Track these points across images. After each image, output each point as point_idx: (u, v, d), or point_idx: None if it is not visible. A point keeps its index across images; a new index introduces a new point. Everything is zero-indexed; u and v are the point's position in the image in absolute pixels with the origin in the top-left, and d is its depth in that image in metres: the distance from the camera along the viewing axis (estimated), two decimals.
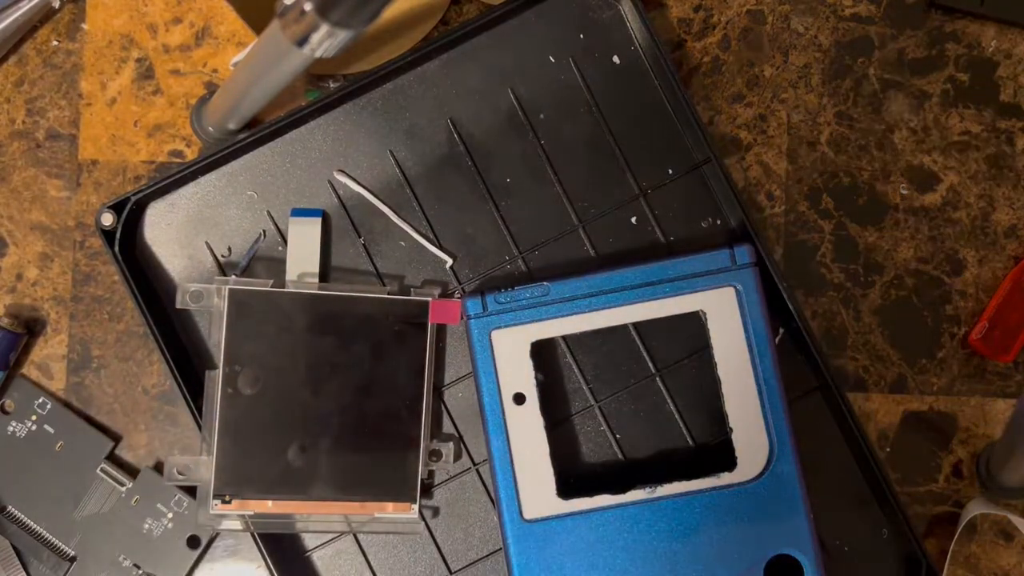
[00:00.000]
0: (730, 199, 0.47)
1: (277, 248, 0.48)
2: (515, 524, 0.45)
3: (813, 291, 0.50)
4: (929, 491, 0.50)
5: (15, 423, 0.48)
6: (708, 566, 0.45)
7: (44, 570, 0.48)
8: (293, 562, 0.47)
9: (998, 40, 0.50)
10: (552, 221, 0.48)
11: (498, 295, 0.46)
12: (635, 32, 0.48)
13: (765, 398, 0.45)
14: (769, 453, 0.45)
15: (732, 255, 0.46)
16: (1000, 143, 0.50)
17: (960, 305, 0.50)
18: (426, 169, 0.49)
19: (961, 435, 0.50)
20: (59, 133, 0.50)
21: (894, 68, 0.50)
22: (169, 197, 0.48)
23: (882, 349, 0.50)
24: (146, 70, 0.50)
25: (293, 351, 0.45)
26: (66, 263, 0.50)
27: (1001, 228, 0.50)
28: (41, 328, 0.50)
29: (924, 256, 0.50)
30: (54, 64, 0.50)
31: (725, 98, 0.50)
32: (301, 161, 0.48)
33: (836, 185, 0.50)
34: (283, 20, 0.33)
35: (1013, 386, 0.50)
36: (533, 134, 0.49)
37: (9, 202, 0.50)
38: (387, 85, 0.48)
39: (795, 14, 0.51)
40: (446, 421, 0.48)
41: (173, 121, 0.50)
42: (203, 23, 0.51)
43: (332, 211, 0.48)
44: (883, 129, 0.50)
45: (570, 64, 0.49)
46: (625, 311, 0.46)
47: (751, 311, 0.45)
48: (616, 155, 0.49)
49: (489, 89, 0.49)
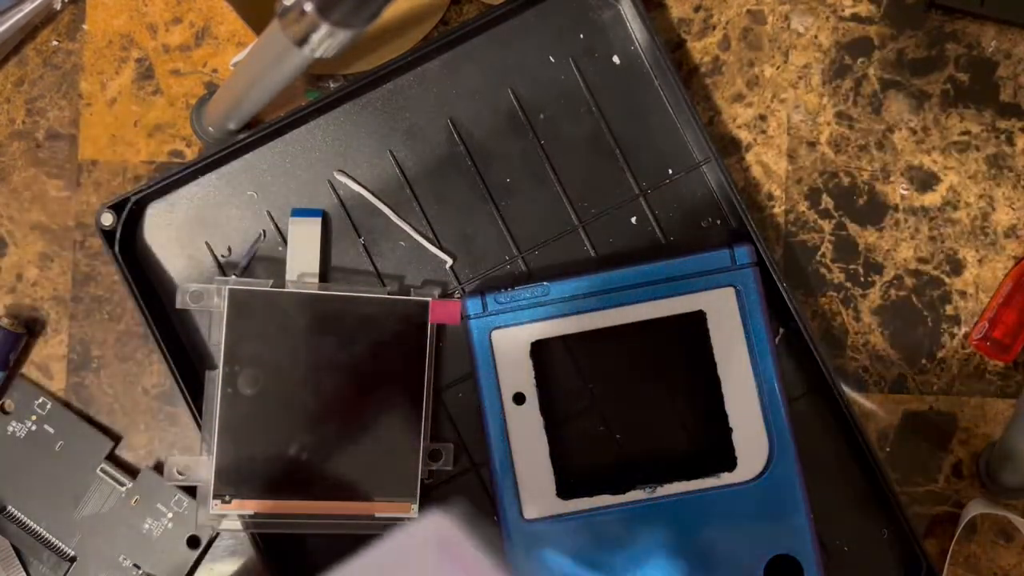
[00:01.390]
0: (730, 199, 0.47)
1: (277, 248, 0.48)
2: (515, 524, 0.45)
3: (813, 291, 0.50)
4: (929, 491, 0.50)
5: (15, 423, 0.48)
6: (708, 566, 0.45)
7: (44, 570, 0.48)
8: (293, 562, 0.47)
9: (998, 40, 0.50)
10: (552, 221, 0.49)
11: (498, 295, 0.46)
12: (635, 32, 0.48)
13: (765, 398, 0.45)
14: (769, 453, 0.45)
15: (732, 255, 0.46)
16: (1000, 143, 0.50)
17: (960, 305, 0.50)
18: (426, 169, 0.49)
19: (961, 435, 0.50)
20: (59, 133, 0.50)
21: (894, 68, 0.50)
22: (169, 197, 0.48)
23: (882, 349, 0.50)
24: (146, 70, 0.50)
25: (293, 351, 0.45)
26: (66, 263, 0.50)
27: (1001, 228, 0.50)
28: (41, 328, 0.50)
29: (924, 256, 0.50)
30: (54, 64, 0.50)
31: (725, 98, 0.50)
32: (301, 161, 0.48)
33: (836, 185, 0.50)
34: (283, 20, 0.33)
35: (1013, 386, 0.50)
36: (533, 134, 0.49)
37: (9, 202, 0.50)
38: (387, 85, 0.48)
39: (795, 14, 0.51)
40: (446, 421, 0.48)
41: (173, 121, 0.50)
42: (203, 23, 0.51)
43: (332, 211, 0.48)
44: (883, 129, 0.50)
45: (570, 64, 0.49)
46: (625, 311, 0.46)
47: (751, 311, 0.45)
48: (616, 155, 0.49)
49: (489, 89, 0.49)
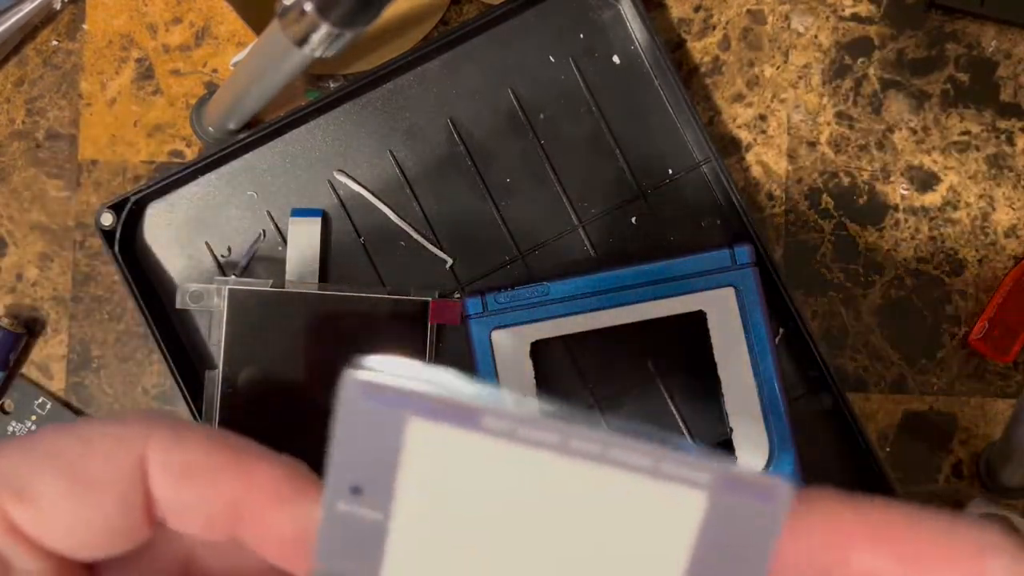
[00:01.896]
0: (730, 199, 0.47)
1: (277, 248, 0.48)
2: None
3: (813, 291, 0.50)
4: (929, 491, 0.50)
5: (15, 423, 0.48)
6: None
7: None
8: None
9: (998, 40, 0.50)
10: (552, 221, 0.49)
11: (498, 295, 0.46)
12: (635, 32, 0.48)
13: (765, 398, 0.45)
14: (769, 453, 0.45)
15: (732, 255, 0.46)
16: (1000, 143, 0.50)
17: (960, 305, 0.50)
18: (426, 169, 0.49)
19: (961, 435, 0.50)
20: (59, 133, 0.50)
21: (894, 68, 0.50)
22: (169, 197, 0.48)
23: (882, 349, 0.50)
24: (146, 70, 0.50)
25: (293, 351, 0.45)
26: (66, 263, 0.50)
27: (1001, 228, 0.50)
28: (41, 328, 0.50)
29: (924, 256, 0.50)
30: (54, 64, 0.50)
31: (725, 98, 0.50)
32: (301, 161, 0.48)
33: (836, 185, 0.50)
34: (283, 20, 0.33)
35: (1013, 386, 0.50)
36: (533, 134, 0.49)
37: (9, 202, 0.50)
38: (387, 85, 0.48)
39: (795, 14, 0.51)
40: None
41: (173, 121, 0.50)
42: (203, 23, 0.51)
43: (332, 211, 0.48)
44: (883, 129, 0.50)
45: (570, 64, 0.49)
46: (625, 311, 0.46)
47: (751, 311, 0.45)
48: (616, 155, 0.49)
49: (489, 89, 0.49)
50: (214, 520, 0.17)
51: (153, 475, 0.17)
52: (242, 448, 0.18)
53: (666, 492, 0.16)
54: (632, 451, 0.16)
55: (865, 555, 0.17)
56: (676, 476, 0.16)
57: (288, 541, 0.18)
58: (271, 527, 0.18)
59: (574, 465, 0.16)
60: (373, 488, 0.17)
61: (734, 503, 0.16)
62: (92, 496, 0.17)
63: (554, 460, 0.16)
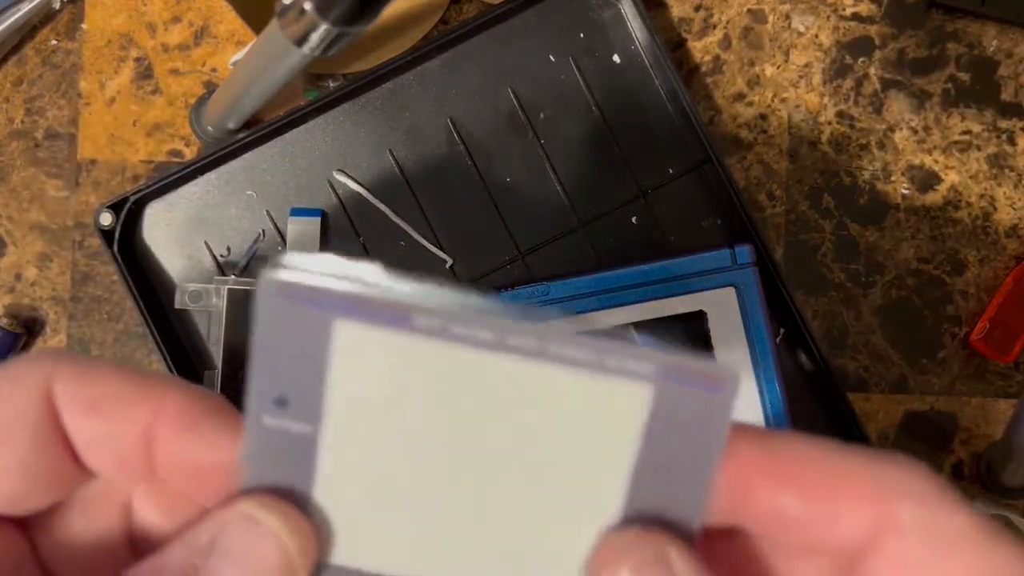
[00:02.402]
0: (730, 199, 0.47)
1: (277, 248, 0.48)
2: None
3: (814, 291, 0.50)
4: None
5: None
6: None
7: None
8: None
9: (999, 40, 0.50)
10: (552, 221, 0.48)
11: (498, 295, 0.46)
12: (635, 31, 0.48)
13: (765, 398, 0.45)
14: None
15: (732, 255, 0.46)
16: (1001, 143, 0.50)
17: (961, 305, 0.50)
18: (426, 169, 0.48)
19: (962, 435, 0.50)
20: (58, 133, 0.50)
21: (895, 68, 0.50)
22: (168, 197, 0.48)
23: (883, 349, 0.50)
24: (145, 69, 0.50)
25: None
26: (65, 263, 0.50)
27: (1002, 228, 0.50)
28: (40, 328, 0.50)
29: (925, 256, 0.50)
30: (53, 64, 0.50)
31: (726, 97, 0.50)
32: (301, 161, 0.48)
33: (837, 185, 0.50)
34: (282, 19, 0.33)
35: (1014, 386, 0.50)
36: (533, 134, 0.49)
37: (8, 202, 0.50)
38: (387, 85, 0.48)
39: (796, 13, 0.51)
40: None
41: (172, 121, 0.50)
42: (202, 22, 0.50)
43: (332, 211, 0.48)
44: (884, 129, 0.50)
45: (570, 63, 0.49)
46: (625, 311, 0.46)
47: (751, 311, 0.45)
48: (616, 155, 0.48)
49: (489, 89, 0.49)
50: (127, 454, 0.17)
51: (62, 410, 0.16)
52: (152, 378, 0.17)
53: (609, 387, 0.15)
54: (573, 345, 0.15)
55: (764, 493, 0.16)
56: (619, 369, 0.15)
57: (205, 470, 0.16)
58: (183, 454, 0.16)
59: (512, 363, 0.15)
60: (299, 398, 0.16)
61: (680, 393, 0.15)
62: (2, 439, 0.16)
63: (491, 358, 0.15)
